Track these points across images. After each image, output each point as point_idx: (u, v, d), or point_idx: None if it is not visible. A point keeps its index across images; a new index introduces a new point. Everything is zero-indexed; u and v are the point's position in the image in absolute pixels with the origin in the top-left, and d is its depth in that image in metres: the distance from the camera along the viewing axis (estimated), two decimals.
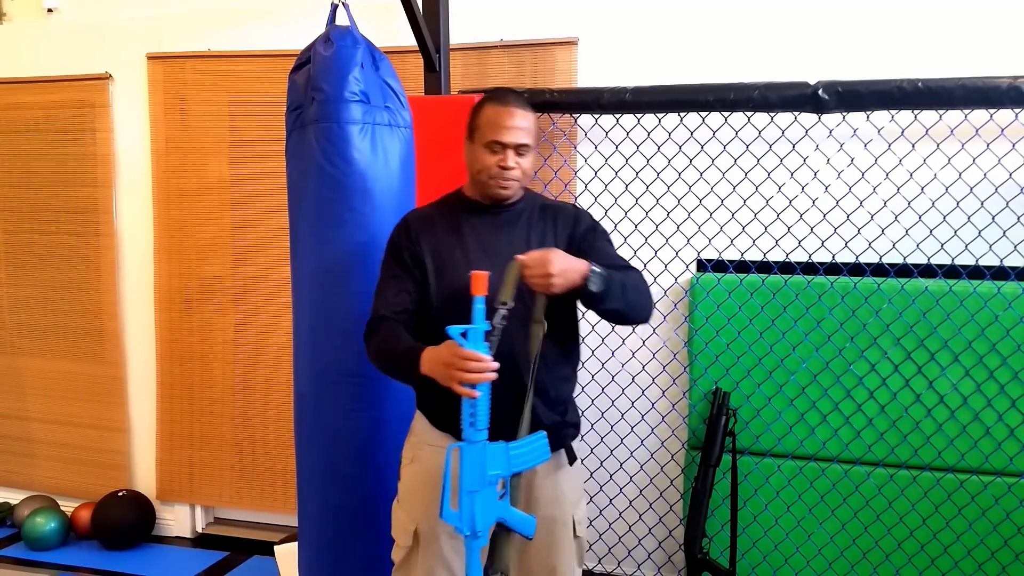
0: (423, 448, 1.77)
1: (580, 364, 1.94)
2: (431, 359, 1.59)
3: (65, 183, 3.43)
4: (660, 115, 2.68)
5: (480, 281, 1.55)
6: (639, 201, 2.78)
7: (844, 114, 2.51)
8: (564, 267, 1.58)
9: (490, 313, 1.56)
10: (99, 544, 3.32)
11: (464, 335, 1.53)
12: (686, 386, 2.79)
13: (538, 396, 1.69)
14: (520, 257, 1.60)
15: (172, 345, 3.35)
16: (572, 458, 1.81)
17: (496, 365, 1.53)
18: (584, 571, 2.98)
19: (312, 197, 2.13)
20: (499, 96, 1.80)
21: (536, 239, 1.78)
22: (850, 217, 2.59)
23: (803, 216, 2.66)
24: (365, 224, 2.11)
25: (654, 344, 2.84)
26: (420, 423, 1.80)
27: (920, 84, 2.32)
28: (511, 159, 1.73)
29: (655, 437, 2.88)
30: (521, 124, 1.74)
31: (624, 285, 1.67)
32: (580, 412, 1.94)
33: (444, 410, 1.68)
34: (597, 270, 1.62)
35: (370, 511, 2.15)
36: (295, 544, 2.52)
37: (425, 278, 1.75)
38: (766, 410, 2.63)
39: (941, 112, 2.46)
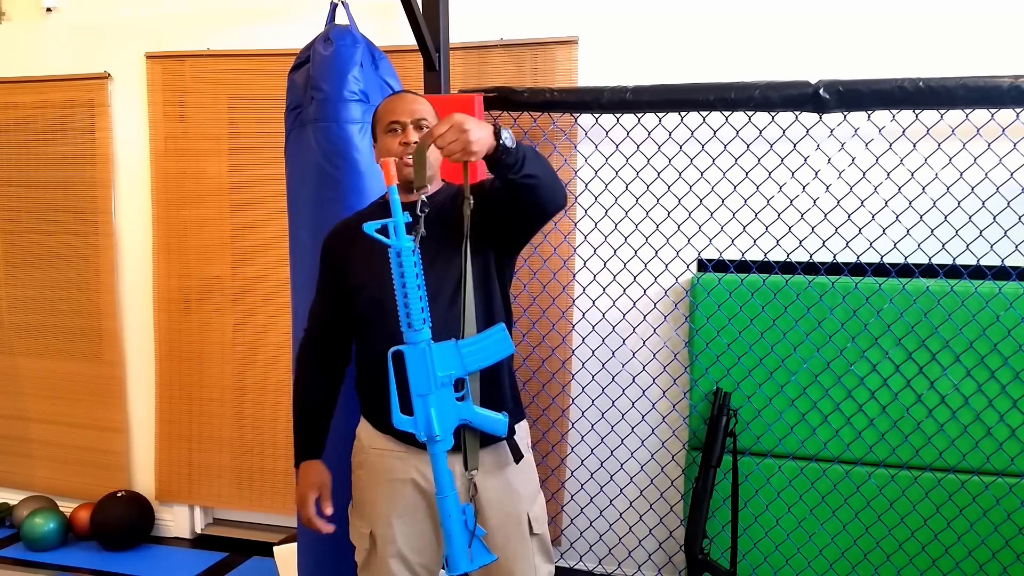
0: (368, 452, 1.76)
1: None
2: (300, 475, 1.77)
3: (64, 183, 3.42)
4: (660, 114, 2.68)
5: (389, 168, 1.49)
6: (639, 201, 2.78)
7: (845, 114, 2.50)
8: (475, 124, 1.46)
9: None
10: (98, 545, 3.32)
11: (383, 231, 1.48)
12: (687, 386, 2.78)
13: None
14: (428, 131, 1.51)
15: (171, 345, 3.34)
16: (517, 456, 1.69)
17: (330, 528, 1.73)
18: (585, 571, 2.99)
19: (312, 197, 2.13)
20: (389, 94, 1.84)
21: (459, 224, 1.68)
22: (851, 217, 2.58)
23: (804, 216, 2.65)
24: None
25: (655, 344, 2.83)
26: (364, 430, 1.79)
27: (921, 84, 2.31)
28: (412, 134, 1.70)
29: (656, 438, 2.87)
30: (415, 105, 1.74)
31: (535, 152, 1.59)
32: (522, 404, 1.84)
33: (385, 414, 1.61)
34: (502, 127, 1.51)
35: None
36: (294, 545, 2.52)
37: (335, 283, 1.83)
38: (767, 410, 2.62)
39: (942, 112, 2.46)
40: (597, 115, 2.75)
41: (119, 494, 3.33)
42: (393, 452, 1.72)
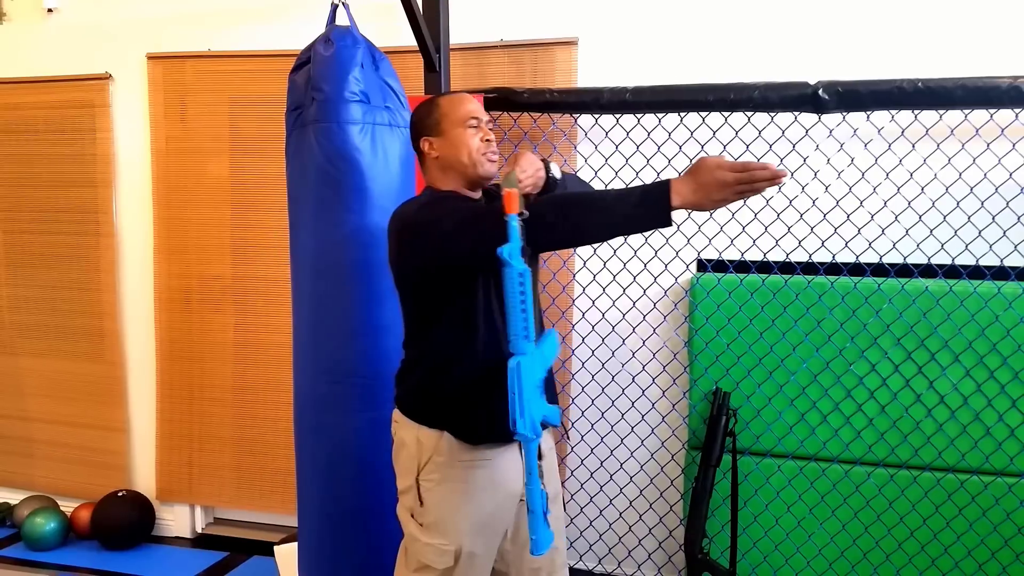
0: (454, 467, 1.69)
1: None
2: (693, 187, 1.45)
3: (65, 183, 3.43)
4: (660, 115, 2.68)
5: (513, 200, 1.51)
6: None
7: (844, 114, 2.50)
8: (536, 159, 1.73)
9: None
10: (99, 544, 3.32)
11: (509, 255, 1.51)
12: (686, 386, 2.78)
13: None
14: (513, 169, 1.66)
15: (172, 345, 3.35)
16: (560, 436, 1.83)
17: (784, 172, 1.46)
18: (585, 571, 3.00)
19: (312, 197, 2.13)
20: (445, 91, 1.84)
21: None
22: (850, 217, 2.58)
23: (803, 216, 2.66)
24: (365, 224, 2.11)
25: (654, 344, 2.84)
26: (445, 442, 1.69)
27: (920, 84, 2.32)
28: (490, 133, 1.77)
29: (655, 437, 2.87)
30: (480, 106, 1.81)
31: (578, 178, 1.79)
32: None
33: (498, 423, 1.58)
34: (551, 162, 1.78)
35: (370, 511, 2.15)
36: (295, 544, 2.52)
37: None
38: (766, 410, 2.63)
39: (941, 112, 2.46)
40: (597, 115, 2.75)
41: (120, 494, 3.34)
42: (487, 461, 1.69)
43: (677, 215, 2.75)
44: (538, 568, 1.84)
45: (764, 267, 2.67)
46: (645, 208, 1.49)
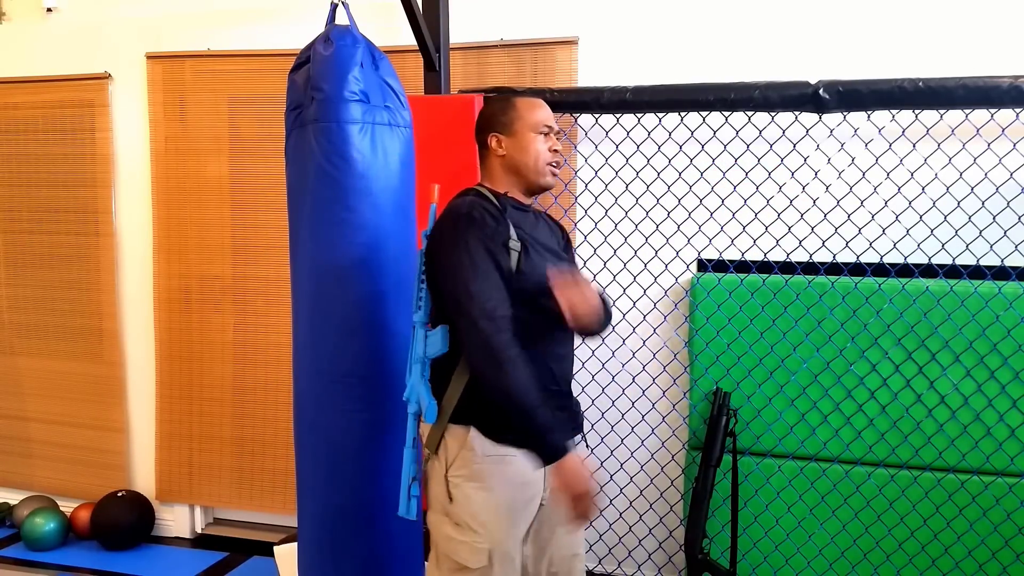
0: (481, 462, 1.69)
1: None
2: (577, 465, 1.58)
3: (64, 183, 3.42)
4: (660, 115, 2.68)
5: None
6: (639, 201, 2.78)
7: (845, 114, 2.50)
8: (592, 291, 1.69)
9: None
10: (98, 544, 3.32)
11: None
12: (686, 386, 2.78)
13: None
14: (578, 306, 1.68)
15: (171, 345, 3.35)
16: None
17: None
18: (585, 571, 2.99)
19: (312, 197, 2.13)
20: (520, 92, 1.84)
21: (555, 238, 1.85)
22: (851, 217, 2.58)
23: (804, 216, 2.65)
24: (365, 224, 2.10)
25: (654, 344, 2.83)
26: (471, 437, 1.70)
27: (921, 84, 2.31)
28: (558, 144, 1.78)
29: (655, 437, 2.87)
30: (552, 114, 1.81)
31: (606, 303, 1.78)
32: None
33: (504, 421, 1.65)
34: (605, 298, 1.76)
35: (370, 511, 2.14)
36: (295, 544, 2.52)
37: (508, 270, 1.68)
38: (767, 410, 2.62)
39: (942, 112, 2.46)
40: (597, 115, 2.75)
41: (119, 494, 3.34)
42: (512, 457, 1.68)
43: (677, 214, 2.75)
44: (556, 573, 1.82)
45: (764, 267, 2.66)
46: (536, 440, 1.59)
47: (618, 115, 2.73)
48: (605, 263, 2.83)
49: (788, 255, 2.68)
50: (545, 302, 1.66)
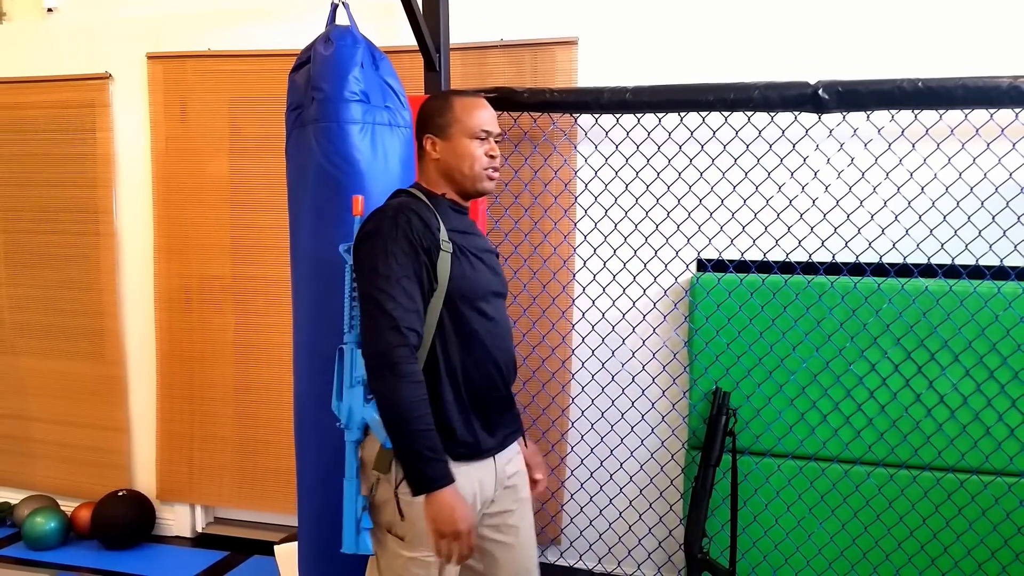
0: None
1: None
2: (454, 502, 1.55)
3: (65, 183, 3.43)
4: (660, 115, 2.68)
5: (357, 204, 1.79)
6: (639, 201, 2.78)
7: (844, 114, 2.50)
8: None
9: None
10: (99, 544, 3.33)
11: None
12: (686, 386, 2.79)
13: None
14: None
15: (172, 345, 3.35)
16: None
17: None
18: (585, 571, 3.00)
19: (312, 197, 2.13)
20: (460, 92, 1.81)
21: (486, 244, 1.82)
22: (850, 217, 2.59)
23: (803, 216, 2.66)
24: None
25: (654, 344, 2.84)
26: None
27: (920, 84, 2.31)
28: (496, 148, 1.74)
29: (655, 437, 2.88)
30: (494, 116, 1.76)
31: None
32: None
33: (487, 431, 1.71)
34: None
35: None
36: (295, 544, 2.52)
37: (433, 279, 1.63)
38: (766, 410, 2.63)
39: (941, 112, 2.46)
40: (597, 115, 2.75)
41: (120, 493, 3.34)
42: (459, 469, 1.64)
43: (677, 214, 2.75)
44: None
45: (764, 267, 2.67)
46: (413, 464, 1.55)
47: (618, 115, 2.73)
48: (605, 263, 2.84)
49: (787, 255, 2.68)
50: (481, 305, 1.67)
